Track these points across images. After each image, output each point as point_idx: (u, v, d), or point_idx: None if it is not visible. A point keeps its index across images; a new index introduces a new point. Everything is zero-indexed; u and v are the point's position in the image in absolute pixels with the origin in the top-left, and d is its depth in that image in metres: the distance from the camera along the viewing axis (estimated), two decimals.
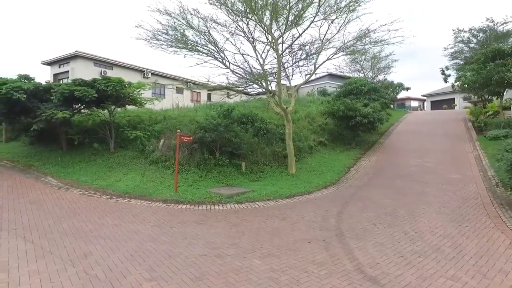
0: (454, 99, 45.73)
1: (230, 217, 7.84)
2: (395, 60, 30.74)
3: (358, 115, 16.52)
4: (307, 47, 12.43)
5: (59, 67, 25.44)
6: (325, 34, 12.44)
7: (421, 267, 5.09)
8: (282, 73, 12.39)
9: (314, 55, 12.87)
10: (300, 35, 11.46)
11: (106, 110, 13.84)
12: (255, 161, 12.49)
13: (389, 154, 16.17)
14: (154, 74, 28.26)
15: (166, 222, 7.22)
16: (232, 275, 4.70)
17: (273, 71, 13.40)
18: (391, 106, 28.19)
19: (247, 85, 12.53)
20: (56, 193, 9.47)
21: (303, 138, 15.50)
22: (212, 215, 7.95)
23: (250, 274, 4.73)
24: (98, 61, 25.32)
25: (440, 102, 47.43)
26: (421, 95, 51.40)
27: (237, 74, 11.93)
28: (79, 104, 13.00)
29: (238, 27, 12.14)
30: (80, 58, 24.19)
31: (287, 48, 12.11)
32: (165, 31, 11.18)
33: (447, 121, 24.74)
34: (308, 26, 11.26)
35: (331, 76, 37.18)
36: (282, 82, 13.28)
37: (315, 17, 11.00)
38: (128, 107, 14.95)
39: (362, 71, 29.86)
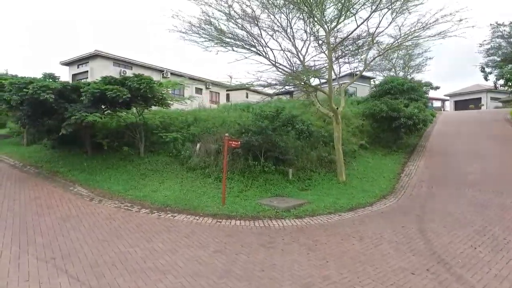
0: (480, 98, 43.64)
1: (298, 237, 6.61)
2: (429, 58, 28.68)
3: (402, 116, 15.20)
4: (360, 41, 11.09)
5: (78, 67, 24.65)
6: (377, 28, 11.16)
7: None
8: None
9: (364, 50, 11.56)
10: (359, 26, 10.11)
11: (134, 110, 12.73)
12: (301, 167, 11.20)
13: (438, 158, 14.76)
14: (173, 74, 27.25)
15: (227, 245, 6.00)
16: None
17: (316, 68, 12.19)
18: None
19: (291, 84, 11.29)
20: (89, 206, 8.32)
21: (345, 141, 14.21)
22: (275, 235, 6.73)
23: None
24: (117, 61, 24.41)
25: (465, 102, 45.23)
26: (444, 95, 49.26)
27: (283, 71, 10.68)
28: (107, 105, 11.88)
29: (276, 20, 10.93)
30: (99, 57, 23.30)
31: (342, 40, 10.76)
32: (206, 23, 10.01)
33: (485, 122, 23.08)
34: (369, 16, 9.88)
35: (350, 76, 35.54)
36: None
37: (377, 6, 9.65)
38: (152, 108, 13.79)
39: (392, 70, 27.98)
